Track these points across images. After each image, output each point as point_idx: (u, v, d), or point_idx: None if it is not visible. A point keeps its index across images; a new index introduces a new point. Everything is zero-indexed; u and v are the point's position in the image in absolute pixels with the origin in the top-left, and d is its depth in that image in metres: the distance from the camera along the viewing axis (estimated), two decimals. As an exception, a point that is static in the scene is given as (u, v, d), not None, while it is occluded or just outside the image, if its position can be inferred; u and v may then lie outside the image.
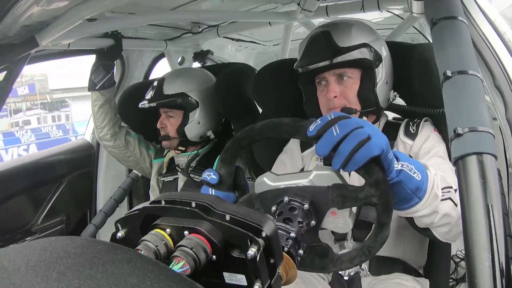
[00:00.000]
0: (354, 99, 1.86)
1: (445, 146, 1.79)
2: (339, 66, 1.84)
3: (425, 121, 1.90)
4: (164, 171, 2.80)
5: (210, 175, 1.33)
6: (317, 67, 1.83)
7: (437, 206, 1.29)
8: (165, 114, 2.61)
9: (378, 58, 1.86)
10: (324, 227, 1.28)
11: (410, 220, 1.45)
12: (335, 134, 1.05)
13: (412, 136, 1.86)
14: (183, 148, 2.67)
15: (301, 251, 1.14)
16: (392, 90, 1.96)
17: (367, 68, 1.85)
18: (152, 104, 2.51)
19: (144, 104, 2.53)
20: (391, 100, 1.97)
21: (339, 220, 1.29)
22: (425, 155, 1.75)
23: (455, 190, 1.37)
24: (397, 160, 1.17)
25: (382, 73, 1.88)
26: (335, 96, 1.85)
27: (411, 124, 1.91)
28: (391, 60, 1.96)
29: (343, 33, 1.85)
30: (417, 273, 1.85)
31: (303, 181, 1.25)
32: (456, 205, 1.36)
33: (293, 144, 2.13)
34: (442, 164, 1.65)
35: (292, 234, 1.13)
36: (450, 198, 1.35)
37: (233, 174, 1.38)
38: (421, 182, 1.21)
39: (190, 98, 2.57)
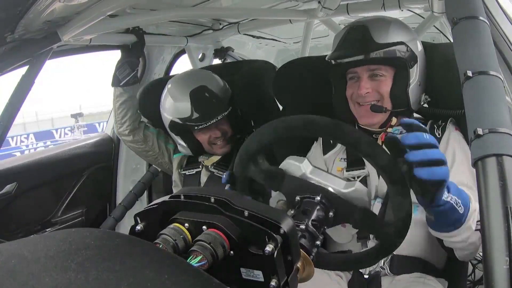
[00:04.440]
0: (386, 97, 1.83)
1: (466, 144, 1.76)
2: (374, 62, 1.81)
3: (449, 122, 1.87)
4: (185, 164, 2.79)
5: (224, 176, 1.37)
6: (352, 60, 1.81)
7: (467, 237, 1.39)
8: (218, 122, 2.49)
9: (413, 58, 1.83)
10: (327, 232, 1.29)
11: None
12: (424, 136, 1.13)
13: (437, 140, 1.84)
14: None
15: (318, 249, 1.14)
16: (424, 93, 1.92)
17: (401, 67, 1.82)
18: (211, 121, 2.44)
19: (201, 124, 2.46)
20: (422, 103, 1.92)
21: (343, 233, 1.31)
22: (451, 162, 1.74)
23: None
24: (448, 191, 1.24)
25: (416, 74, 1.85)
26: (368, 92, 1.83)
27: (435, 127, 1.88)
28: (425, 62, 1.92)
29: (380, 29, 1.82)
30: (438, 273, 1.83)
31: (339, 189, 1.27)
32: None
33: (316, 150, 2.11)
34: (470, 179, 1.68)
35: (315, 236, 1.13)
36: (479, 230, 1.38)
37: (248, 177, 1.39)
38: (462, 215, 1.31)
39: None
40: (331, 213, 1.21)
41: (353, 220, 1.23)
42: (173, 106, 2.49)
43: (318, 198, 1.22)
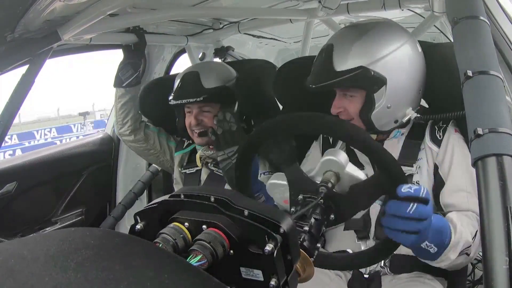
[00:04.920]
0: (356, 117, 1.82)
1: (466, 146, 1.77)
2: (337, 87, 1.83)
3: (450, 124, 1.88)
4: (185, 162, 2.79)
5: None
6: (320, 85, 1.82)
7: (450, 263, 1.46)
8: (199, 110, 2.54)
9: (377, 82, 1.76)
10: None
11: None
12: (407, 211, 1.20)
13: (438, 142, 1.84)
14: None
15: (318, 249, 1.14)
16: (411, 108, 1.85)
17: (368, 90, 1.78)
18: (196, 99, 2.47)
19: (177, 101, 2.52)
20: (406, 120, 1.85)
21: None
22: (449, 165, 1.79)
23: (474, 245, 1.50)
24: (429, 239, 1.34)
25: (384, 97, 1.77)
26: (340, 112, 1.84)
27: (436, 128, 1.87)
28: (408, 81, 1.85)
29: (342, 54, 1.79)
30: (438, 272, 1.83)
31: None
32: (468, 255, 1.50)
33: (314, 151, 2.11)
34: (468, 182, 1.71)
35: (317, 239, 1.13)
36: (466, 254, 1.49)
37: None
38: (434, 254, 1.40)
39: (229, 89, 2.58)
40: (332, 216, 1.22)
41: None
42: (174, 83, 2.61)
43: (322, 200, 1.22)
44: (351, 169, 1.29)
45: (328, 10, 2.54)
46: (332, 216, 1.22)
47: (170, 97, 2.53)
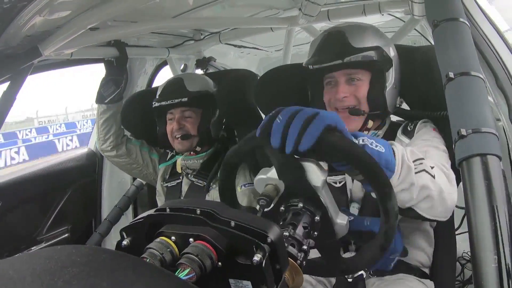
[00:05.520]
0: (364, 100, 1.86)
1: (444, 145, 1.78)
2: (351, 66, 1.84)
3: (423, 121, 1.91)
4: (168, 176, 2.80)
5: None
6: (329, 65, 1.83)
7: (412, 179, 1.29)
8: (181, 114, 2.59)
9: (389, 62, 1.86)
10: None
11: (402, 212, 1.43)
12: (279, 121, 1.12)
13: (409, 134, 1.88)
14: (199, 149, 2.65)
15: (306, 257, 1.14)
16: (399, 96, 1.96)
17: (377, 71, 1.85)
18: (180, 100, 2.53)
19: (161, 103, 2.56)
20: (398, 105, 1.97)
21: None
22: (417, 145, 1.75)
23: (432, 167, 1.39)
24: (355, 137, 1.22)
25: (392, 77, 1.88)
26: (345, 97, 1.85)
27: (410, 124, 1.93)
28: (399, 65, 1.96)
29: (357, 34, 1.85)
30: (422, 273, 1.84)
31: (335, 217, 1.25)
32: (433, 177, 1.36)
33: None
34: (431, 151, 1.66)
35: (301, 242, 1.13)
36: (424, 170, 1.36)
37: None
38: (386, 154, 1.24)
39: (212, 96, 2.64)
40: (317, 217, 1.21)
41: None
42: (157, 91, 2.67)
43: (301, 204, 1.21)
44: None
45: (309, 18, 2.56)
46: (317, 218, 1.21)
47: (154, 101, 2.57)
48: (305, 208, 1.21)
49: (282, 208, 1.25)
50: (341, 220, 1.23)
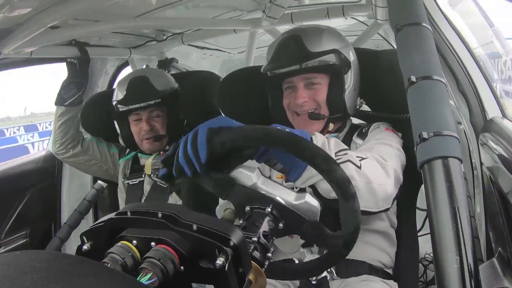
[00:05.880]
0: (323, 104, 1.87)
1: (400, 143, 1.80)
2: (309, 71, 1.84)
3: (377, 123, 1.93)
4: (128, 171, 2.76)
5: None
6: (287, 71, 1.83)
7: (335, 165, 1.27)
8: (149, 115, 2.54)
9: (347, 65, 1.87)
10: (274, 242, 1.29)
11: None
12: (180, 155, 1.22)
13: (363, 135, 1.90)
14: (168, 147, 2.60)
15: (270, 260, 1.14)
16: (359, 97, 1.98)
17: (336, 74, 1.86)
18: (155, 101, 2.49)
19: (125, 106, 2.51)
20: (358, 107, 1.99)
21: (290, 243, 1.31)
22: (368, 143, 1.78)
23: (362, 158, 1.42)
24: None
25: (351, 79, 1.89)
26: (305, 102, 1.86)
27: (365, 126, 1.94)
28: (359, 67, 1.97)
29: (313, 38, 1.85)
30: (386, 274, 1.86)
31: (289, 201, 1.25)
32: (359, 167, 1.39)
33: None
34: (377, 147, 1.68)
35: (267, 249, 1.13)
36: (349, 161, 1.38)
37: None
38: (300, 139, 1.22)
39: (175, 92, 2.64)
40: (281, 224, 1.22)
41: (301, 232, 1.24)
42: (115, 91, 2.60)
43: (269, 209, 1.22)
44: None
45: (272, 20, 2.57)
46: (280, 225, 1.22)
47: (116, 103, 2.50)
48: (258, 209, 1.22)
49: (247, 209, 1.25)
50: (298, 200, 1.25)
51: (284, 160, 1.29)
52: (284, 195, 1.26)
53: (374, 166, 1.47)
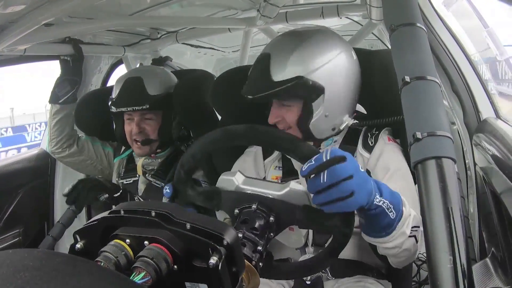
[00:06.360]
0: (294, 126, 1.82)
1: (401, 150, 1.82)
2: (273, 98, 1.82)
3: (383, 131, 1.89)
4: (123, 170, 2.74)
5: (166, 189, 1.38)
6: (256, 97, 1.80)
7: (401, 243, 1.40)
8: (141, 117, 2.48)
9: (316, 91, 1.75)
10: (277, 239, 1.30)
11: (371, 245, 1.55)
12: (321, 182, 1.14)
13: (369, 149, 1.84)
14: (159, 150, 2.59)
15: (262, 255, 1.14)
16: (348, 115, 1.87)
17: (305, 99, 1.78)
18: (142, 107, 2.42)
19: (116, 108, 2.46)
20: (344, 126, 1.88)
21: (293, 236, 1.32)
22: (383, 173, 1.76)
23: (417, 227, 1.46)
24: (380, 194, 1.26)
25: (321, 106, 1.77)
26: (278, 121, 1.83)
27: (369, 135, 1.88)
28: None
29: (279, 63, 1.76)
30: (380, 274, 1.86)
31: (274, 193, 1.27)
32: (417, 241, 1.47)
33: (258, 149, 2.11)
34: (405, 187, 1.67)
35: (255, 242, 1.13)
36: (414, 236, 1.45)
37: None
38: (393, 220, 1.31)
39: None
40: (271, 218, 1.22)
41: (296, 220, 1.25)
42: (114, 87, 2.53)
43: (254, 206, 1.23)
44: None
45: (267, 19, 2.57)
46: (271, 218, 1.23)
47: (110, 103, 2.46)
48: (245, 208, 1.24)
49: (236, 211, 1.26)
50: (283, 190, 1.27)
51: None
52: (268, 189, 1.28)
53: (420, 233, 1.52)
